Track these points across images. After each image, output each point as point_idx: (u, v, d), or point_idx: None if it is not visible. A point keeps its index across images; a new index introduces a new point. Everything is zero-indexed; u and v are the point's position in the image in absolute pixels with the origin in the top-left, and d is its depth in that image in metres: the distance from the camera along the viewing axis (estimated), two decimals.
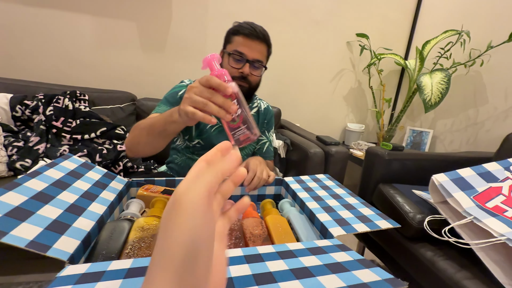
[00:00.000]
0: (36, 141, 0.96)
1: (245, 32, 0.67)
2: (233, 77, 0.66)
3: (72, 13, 1.19)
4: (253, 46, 0.67)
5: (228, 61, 0.68)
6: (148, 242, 0.36)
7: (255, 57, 0.68)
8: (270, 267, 0.28)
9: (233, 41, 0.68)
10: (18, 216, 0.30)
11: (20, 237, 0.28)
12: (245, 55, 0.67)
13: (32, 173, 0.38)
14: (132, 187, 0.53)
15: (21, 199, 0.33)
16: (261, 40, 0.68)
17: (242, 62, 0.67)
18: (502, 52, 1.13)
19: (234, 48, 0.67)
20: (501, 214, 0.60)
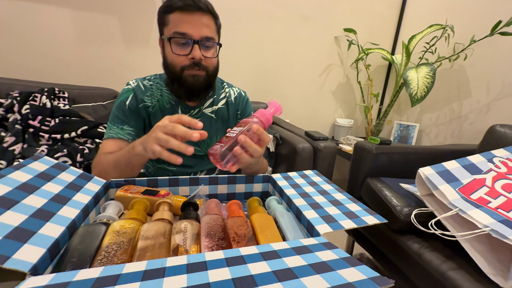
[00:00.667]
0: (11, 142, 0.90)
1: (179, 5, 0.53)
2: (184, 66, 0.57)
3: (50, 6, 1.12)
4: (196, 21, 0.54)
5: (171, 49, 0.55)
6: (124, 247, 0.34)
7: (203, 34, 0.55)
8: (252, 270, 0.27)
9: (169, 21, 0.55)
10: None
11: None
12: (189, 34, 0.54)
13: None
14: (111, 188, 0.50)
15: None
16: (204, 11, 0.55)
17: (188, 46, 0.55)
18: (484, 46, 1.15)
19: (173, 30, 0.54)
20: (485, 206, 0.61)
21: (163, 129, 0.41)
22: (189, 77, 0.59)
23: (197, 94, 0.63)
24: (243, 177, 0.57)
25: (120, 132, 0.62)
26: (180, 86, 0.60)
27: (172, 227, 0.39)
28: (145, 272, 0.26)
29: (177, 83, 0.60)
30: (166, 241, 0.36)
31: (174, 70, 0.59)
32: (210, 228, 0.39)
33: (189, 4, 0.53)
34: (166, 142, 0.40)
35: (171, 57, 0.58)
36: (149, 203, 0.46)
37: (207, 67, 0.59)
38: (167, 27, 0.56)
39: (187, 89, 0.60)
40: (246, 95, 0.75)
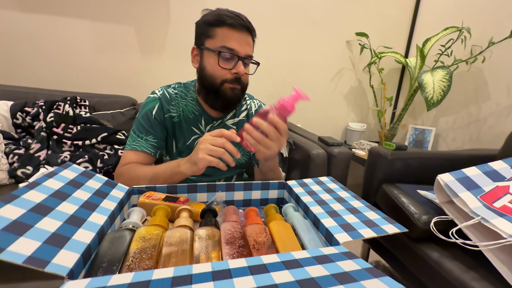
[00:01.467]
0: (37, 148, 0.95)
1: (230, 23, 0.55)
2: (226, 79, 0.59)
3: (71, 18, 1.19)
4: (243, 40, 0.57)
5: (217, 61, 0.57)
6: (149, 252, 0.35)
7: (247, 52, 0.58)
8: (276, 279, 0.27)
9: (216, 35, 0.57)
10: (16, 231, 0.29)
11: (18, 253, 0.27)
12: (236, 51, 0.56)
13: (30, 184, 0.37)
14: (133, 194, 0.52)
15: (19, 212, 0.32)
16: (249, 31, 0.58)
17: (233, 60, 0.57)
18: (503, 48, 1.12)
19: (221, 44, 0.56)
20: (509, 214, 0.58)
21: (212, 142, 0.47)
22: (228, 90, 0.60)
23: (231, 107, 0.65)
24: (258, 183, 0.58)
25: (144, 144, 0.64)
26: (218, 97, 0.61)
27: (194, 233, 0.40)
28: (173, 278, 0.27)
29: (214, 94, 0.61)
30: (189, 247, 0.37)
31: (214, 81, 0.59)
32: (230, 235, 0.40)
33: (240, 23, 0.56)
34: (222, 154, 0.47)
35: (214, 68, 0.58)
36: (170, 210, 0.47)
37: (244, 83, 0.62)
38: (212, 40, 0.57)
39: (224, 101, 0.61)
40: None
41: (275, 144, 0.50)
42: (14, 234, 0.29)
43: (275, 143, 0.50)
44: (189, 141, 0.69)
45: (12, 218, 0.30)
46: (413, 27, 1.57)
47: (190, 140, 0.69)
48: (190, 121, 0.68)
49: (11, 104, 1.02)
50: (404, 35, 1.61)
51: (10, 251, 0.27)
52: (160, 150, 0.67)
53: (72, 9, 1.17)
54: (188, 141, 0.69)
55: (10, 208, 0.32)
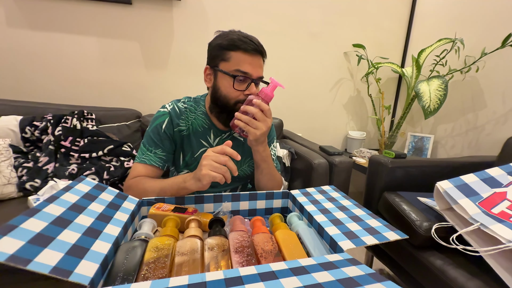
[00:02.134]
0: (45, 161, 0.98)
1: (244, 48, 0.59)
2: (239, 100, 0.63)
3: (78, 35, 1.24)
4: (255, 63, 0.61)
5: (232, 84, 0.60)
6: (163, 262, 0.37)
7: (259, 74, 0.62)
8: (285, 285, 0.29)
9: (231, 58, 0.60)
10: (40, 243, 0.31)
11: (44, 264, 0.29)
12: (249, 74, 0.60)
13: (50, 198, 0.39)
14: (143, 206, 0.54)
15: (42, 225, 0.34)
16: (262, 55, 0.63)
17: (246, 82, 0.61)
18: (496, 57, 1.16)
19: (235, 68, 0.60)
20: (507, 220, 0.60)
21: (215, 159, 0.50)
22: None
23: None
24: (263, 193, 0.60)
25: (153, 158, 0.66)
26: (231, 117, 0.63)
27: (204, 243, 0.42)
28: (189, 286, 0.29)
29: (227, 114, 0.64)
30: (200, 256, 0.39)
31: (228, 102, 0.63)
32: (238, 244, 0.42)
33: (253, 48, 0.60)
34: (224, 172, 0.50)
35: (228, 90, 0.62)
36: (180, 220, 0.49)
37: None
38: (226, 63, 0.61)
39: None
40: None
41: (262, 124, 0.59)
42: (39, 246, 0.31)
43: (262, 123, 0.59)
44: (197, 153, 0.71)
45: (36, 231, 0.32)
46: (408, 38, 1.63)
47: (198, 152, 0.71)
48: (199, 134, 0.70)
49: (20, 118, 1.05)
50: (400, 46, 1.66)
51: (37, 262, 0.29)
52: (167, 163, 0.70)
53: (79, 26, 1.23)
54: (196, 154, 0.71)
55: (34, 222, 0.34)
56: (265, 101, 0.60)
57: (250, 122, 0.58)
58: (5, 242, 0.29)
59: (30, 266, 0.28)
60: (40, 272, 0.28)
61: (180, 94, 1.43)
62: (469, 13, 1.30)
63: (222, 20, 1.37)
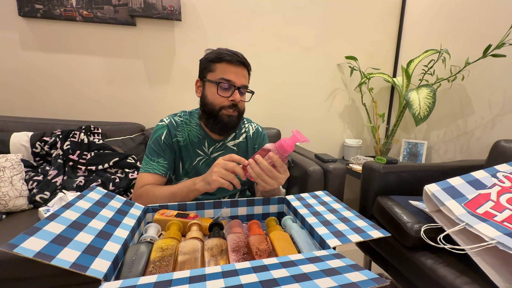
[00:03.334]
0: (54, 174, 1.03)
1: (228, 59, 0.66)
2: (223, 106, 0.68)
3: (85, 56, 1.32)
4: (239, 72, 0.67)
5: (216, 90, 0.67)
6: (167, 260, 0.41)
7: (242, 83, 0.68)
8: (275, 275, 0.33)
9: (216, 69, 0.67)
10: (61, 242, 0.36)
11: (65, 260, 0.33)
12: (233, 81, 0.66)
13: (66, 205, 0.44)
14: (148, 212, 0.58)
15: (61, 228, 0.38)
16: (244, 65, 0.69)
17: (230, 90, 0.67)
18: (480, 66, 1.22)
19: (219, 76, 0.66)
20: (491, 219, 0.64)
21: (224, 166, 0.55)
22: (225, 116, 0.69)
23: (228, 130, 0.73)
24: (260, 199, 0.64)
25: (156, 166, 0.72)
26: (216, 122, 0.70)
27: (204, 244, 0.46)
28: (191, 278, 0.33)
29: (214, 119, 0.70)
30: (200, 255, 0.43)
31: (214, 108, 0.69)
32: (235, 244, 0.46)
33: (236, 59, 0.67)
34: (232, 179, 0.55)
35: (213, 97, 0.68)
36: (182, 224, 0.53)
37: (240, 109, 0.71)
38: (212, 73, 0.68)
39: (222, 125, 0.71)
40: (263, 131, 0.85)
41: (273, 181, 0.56)
42: (60, 245, 0.35)
43: (273, 180, 0.56)
44: (195, 161, 0.76)
45: (56, 233, 0.37)
46: (398, 49, 1.71)
47: (196, 161, 0.76)
48: (195, 144, 0.76)
49: (31, 134, 1.12)
50: (390, 57, 1.74)
51: (59, 258, 0.33)
52: (170, 171, 0.75)
53: (87, 47, 1.31)
54: (194, 162, 0.76)
55: (54, 225, 0.38)
56: (282, 155, 0.55)
57: (261, 177, 0.56)
58: (32, 242, 0.33)
59: (54, 262, 0.32)
60: (62, 267, 0.32)
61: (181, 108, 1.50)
62: (453, 25, 1.38)
63: (220, 38, 1.45)
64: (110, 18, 1.28)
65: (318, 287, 0.30)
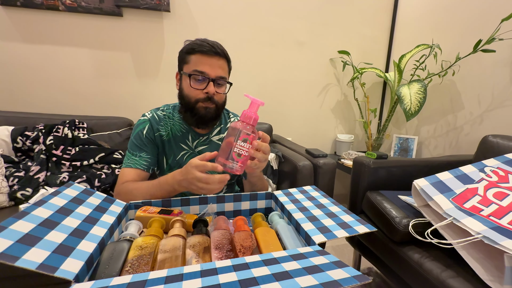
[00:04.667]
0: (36, 170, 0.99)
1: (202, 50, 0.63)
2: (199, 99, 0.66)
3: (70, 47, 1.27)
4: (213, 63, 0.64)
5: (189, 83, 0.64)
6: (146, 259, 0.39)
7: (218, 74, 0.65)
8: (255, 273, 0.32)
9: (190, 61, 0.65)
10: (28, 242, 0.33)
11: (31, 261, 0.31)
12: (206, 73, 0.63)
13: (38, 202, 0.42)
14: (130, 209, 0.56)
15: (30, 226, 0.36)
16: (220, 56, 0.65)
17: (205, 82, 0.64)
18: (470, 62, 1.23)
19: (193, 68, 0.64)
20: (477, 214, 0.64)
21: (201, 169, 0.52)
22: (201, 109, 0.67)
23: (206, 123, 0.71)
24: (247, 195, 0.63)
25: (138, 161, 0.70)
26: (193, 115, 0.68)
27: (186, 241, 0.44)
28: (167, 277, 0.32)
29: (190, 112, 0.68)
30: (182, 254, 0.41)
31: (189, 101, 0.67)
32: (219, 241, 0.44)
33: (211, 50, 0.63)
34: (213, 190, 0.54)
35: (188, 90, 0.66)
36: (165, 221, 0.52)
37: (217, 101, 0.68)
38: (187, 65, 0.66)
39: (198, 118, 0.69)
40: None
41: (264, 164, 0.58)
42: (27, 245, 0.33)
43: (263, 163, 0.58)
44: (178, 156, 0.74)
45: (24, 232, 0.35)
46: (390, 44, 1.70)
47: (180, 155, 0.74)
48: (179, 138, 0.74)
49: (12, 129, 1.07)
50: (383, 52, 1.73)
51: (25, 259, 0.31)
52: (152, 166, 0.73)
53: (71, 38, 1.26)
54: (178, 157, 0.74)
55: (22, 223, 0.36)
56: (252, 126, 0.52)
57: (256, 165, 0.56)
58: None
59: (18, 263, 0.30)
60: (27, 268, 0.30)
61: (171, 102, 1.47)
62: (445, 20, 1.38)
63: (211, 30, 1.42)
64: (95, 8, 1.23)
65: (299, 286, 0.29)
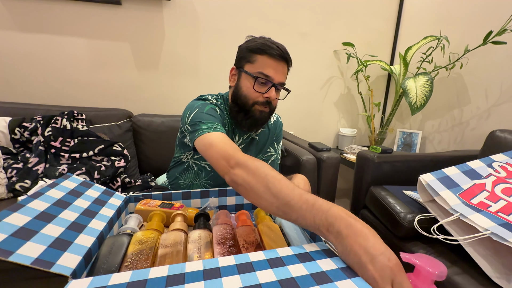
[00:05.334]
0: (35, 162, 0.98)
1: (271, 53, 0.61)
2: (257, 102, 0.64)
3: (67, 37, 1.24)
4: (279, 69, 0.62)
5: (253, 84, 0.62)
6: (146, 254, 0.38)
7: (281, 80, 0.63)
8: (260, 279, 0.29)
9: (257, 61, 0.62)
10: (23, 236, 0.32)
11: (26, 256, 0.30)
12: (271, 78, 0.61)
13: (34, 194, 0.40)
14: (130, 202, 0.55)
15: (25, 219, 0.35)
16: (286, 61, 0.64)
17: (267, 86, 0.62)
18: (479, 54, 1.19)
19: (259, 70, 0.61)
20: (485, 210, 0.62)
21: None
22: (257, 112, 0.65)
23: (258, 127, 0.69)
24: None
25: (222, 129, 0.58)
26: (247, 117, 0.65)
27: (187, 236, 0.43)
28: (168, 277, 0.30)
29: (244, 113, 0.66)
30: (183, 248, 0.40)
31: (247, 102, 0.64)
32: (221, 236, 0.43)
33: (279, 54, 0.61)
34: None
35: (248, 90, 0.63)
36: (166, 215, 0.50)
37: (272, 106, 0.66)
38: (252, 65, 0.63)
39: (252, 121, 0.66)
40: (281, 121, 0.83)
41: None
42: (22, 239, 0.32)
43: None
44: None
45: (19, 225, 0.33)
46: (396, 36, 1.66)
47: None
48: (229, 132, 0.71)
49: (9, 120, 1.05)
50: (388, 44, 1.69)
51: (19, 254, 0.29)
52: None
53: (68, 28, 1.22)
54: None
55: (17, 216, 0.34)
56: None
57: None
58: None
59: (12, 258, 0.29)
60: (21, 264, 0.29)
61: (171, 94, 1.44)
62: (453, 11, 1.33)
63: (212, 21, 1.38)
64: None
65: None
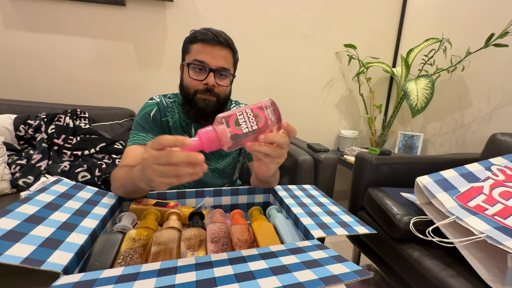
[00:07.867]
0: (38, 159, 0.99)
1: (204, 38, 0.60)
2: (198, 90, 0.63)
3: (72, 36, 1.26)
4: (215, 53, 0.60)
5: (188, 73, 0.62)
6: (139, 252, 0.38)
7: (219, 64, 0.61)
8: (252, 267, 0.31)
9: (191, 50, 0.62)
10: (12, 238, 0.31)
11: (15, 256, 0.29)
12: (206, 63, 0.60)
13: (23, 199, 0.39)
14: (124, 201, 0.56)
15: (14, 223, 0.34)
16: (224, 45, 0.61)
17: (205, 72, 0.61)
18: (480, 57, 1.18)
19: (193, 57, 0.61)
20: (481, 213, 0.62)
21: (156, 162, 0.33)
22: (200, 101, 0.64)
23: (206, 117, 0.67)
24: (245, 188, 0.62)
25: (146, 138, 0.65)
26: (192, 107, 0.66)
27: (181, 234, 0.44)
28: (160, 270, 0.31)
29: (189, 104, 0.66)
30: (176, 246, 0.40)
31: (188, 92, 0.65)
32: (215, 234, 0.43)
33: (211, 38, 0.60)
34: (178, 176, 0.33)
35: (187, 80, 0.64)
36: (160, 214, 0.51)
37: (219, 94, 0.64)
38: (188, 55, 0.63)
39: (197, 111, 0.65)
40: None
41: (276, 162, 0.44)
42: (10, 241, 0.31)
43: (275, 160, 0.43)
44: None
45: (7, 228, 0.33)
46: (399, 38, 1.65)
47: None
48: (184, 128, 0.73)
49: (14, 117, 1.07)
50: (391, 46, 1.68)
51: (8, 255, 0.29)
52: None
53: (73, 28, 1.24)
54: None
55: (5, 221, 0.34)
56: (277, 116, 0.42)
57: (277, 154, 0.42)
58: None
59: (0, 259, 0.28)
60: (10, 264, 0.28)
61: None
62: (455, 14, 1.32)
63: (214, 21, 1.38)
64: None
65: (297, 280, 0.28)
